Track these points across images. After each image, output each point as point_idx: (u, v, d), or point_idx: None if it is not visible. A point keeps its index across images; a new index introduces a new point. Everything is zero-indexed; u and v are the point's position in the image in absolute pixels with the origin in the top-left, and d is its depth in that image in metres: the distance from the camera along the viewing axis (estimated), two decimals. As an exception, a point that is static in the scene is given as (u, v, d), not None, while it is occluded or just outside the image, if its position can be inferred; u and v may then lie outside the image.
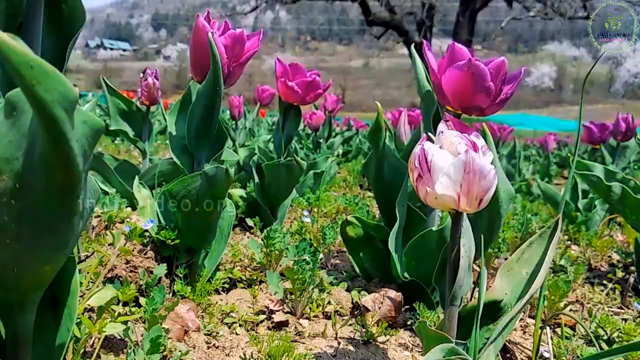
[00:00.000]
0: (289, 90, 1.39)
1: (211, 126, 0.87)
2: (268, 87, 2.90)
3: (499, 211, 0.77)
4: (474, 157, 0.50)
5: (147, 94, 1.47)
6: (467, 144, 0.53)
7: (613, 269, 1.29)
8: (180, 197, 0.82)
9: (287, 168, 1.40)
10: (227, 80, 0.84)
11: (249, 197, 1.59)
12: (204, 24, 0.79)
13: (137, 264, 0.87)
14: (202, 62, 0.82)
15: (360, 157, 3.49)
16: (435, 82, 0.88)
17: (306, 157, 2.45)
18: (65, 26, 0.48)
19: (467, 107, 0.86)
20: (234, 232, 1.57)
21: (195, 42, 0.81)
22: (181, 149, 0.90)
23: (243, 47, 0.83)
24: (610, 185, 1.09)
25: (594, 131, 2.23)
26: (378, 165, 1.02)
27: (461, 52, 0.83)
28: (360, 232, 1.02)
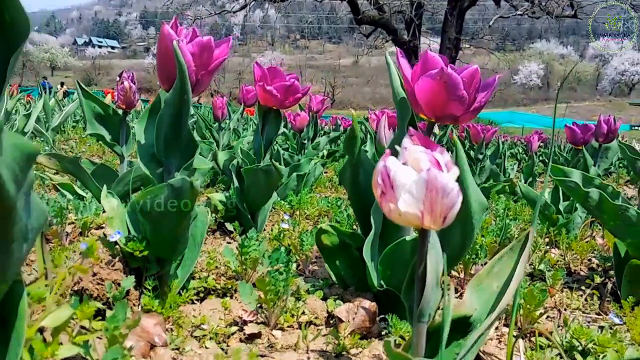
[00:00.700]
0: (267, 95, 1.38)
1: (180, 135, 0.85)
2: (252, 87, 2.88)
3: (472, 222, 0.76)
4: (436, 175, 0.49)
5: (124, 97, 1.45)
6: (431, 160, 0.51)
7: (592, 273, 1.29)
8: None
9: (266, 173, 1.38)
10: (195, 89, 0.82)
11: (229, 202, 1.57)
12: (170, 31, 0.77)
13: (104, 276, 0.84)
14: (168, 70, 0.80)
15: (342, 160, 3.49)
16: (408, 90, 0.87)
17: (290, 158, 2.43)
18: (7, 37, 0.46)
19: (441, 116, 0.85)
20: (213, 236, 1.55)
21: (162, 49, 0.79)
22: (150, 157, 0.88)
23: (211, 55, 0.81)
24: (587, 191, 1.08)
25: (576, 132, 2.23)
26: (353, 172, 1.01)
27: (434, 61, 0.81)
28: (335, 240, 1.01)
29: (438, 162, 0.51)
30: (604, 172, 2.12)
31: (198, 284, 1.04)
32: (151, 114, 0.89)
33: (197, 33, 0.83)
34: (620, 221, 1.09)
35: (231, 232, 1.50)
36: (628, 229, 1.10)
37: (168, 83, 0.81)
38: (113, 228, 0.90)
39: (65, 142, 4.01)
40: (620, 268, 1.18)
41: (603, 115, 2.06)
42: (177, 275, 0.96)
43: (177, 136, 0.85)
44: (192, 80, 0.80)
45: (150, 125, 0.88)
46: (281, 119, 1.55)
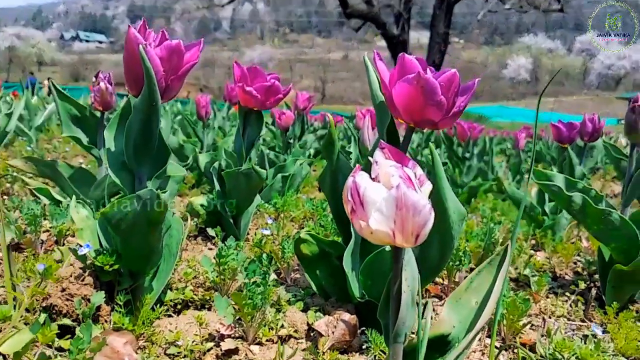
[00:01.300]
0: (247, 96, 1.35)
1: (150, 143, 0.82)
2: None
3: (451, 233, 0.73)
4: (405, 193, 0.46)
5: (100, 99, 1.41)
6: (401, 176, 0.49)
7: (577, 278, 1.28)
8: (117, 221, 0.77)
9: (247, 177, 1.35)
10: (165, 94, 0.79)
11: (210, 205, 1.53)
12: (136, 34, 0.74)
13: (73, 291, 0.81)
14: (136, 75, 0.76)
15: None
16: (386, 94, 0.84)
17: (276, 158, 2.40)
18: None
19: (419, 121, 0.83)
20: (195, 241, 1.52)
21: (128, 53, 0.76)
22: (120, 165, 0.84)
23: (182, 59, 0.78)
24: (570, 195, 1.06)
25: (562, 130, 2.22)
26: (333, 179, 0.98)
27: (411, 65, 0.79)
28: (315, 249, 0.98)
29: (409, 178, 0.49)
30: (590, 171, 2.11)
31: (175, 295, 1.01)
32: (121, 120, 0.86)
33: (166, 36, 0.79)
34: (604, 225, 1.07)
35: (213, 238, 1.46)
36: (611, 233, 1.08)
37: (136, 88, 0.78)
38: (83, 240, 0.87)
39: (49, 142, 3.95)
40: (604, 272, 1.17)
41: (590, 109, 2.05)
42: (152, 288, 0.93)
43: (147, 144, 0.82)
44: (161, 86, 0.77)
45: (120, 132, 0.85)
46: (263, 120, 1.52)
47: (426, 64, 0.83)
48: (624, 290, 1.13)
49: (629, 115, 1.06)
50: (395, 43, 27.56)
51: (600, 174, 4.86)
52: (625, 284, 1.11)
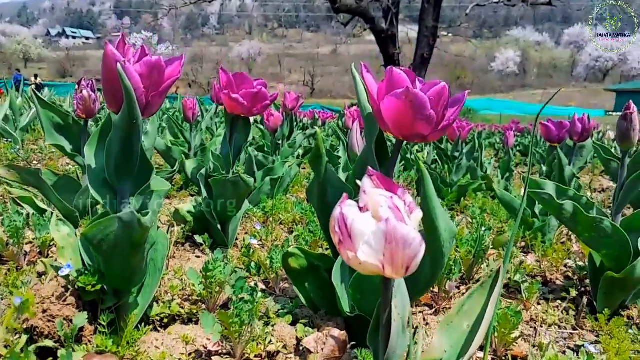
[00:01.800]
0: (234, 103, 1.33)
1: (132, 160, 0.79)
2: (225, 85, 2.81)
3: (442, 251, 0.72)
4: (395, 227, 0.44)
5: (83, 106, 1.38)
6: (391, 206, 0.47)
7: (569, 282, 1.27)
8: (98, 242, 0.74)
9: (234, 184, 1.33)
10: (146, 111, 0.77)
11: (198, 212, 1.51)
12: (114, 51, 0.71)
13: (55, 312, 0.79)
14: (115, 92, 0.74)
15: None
16: (374, 108, 0.83)
17: (264, 159, 2.38)
18: None
19: (408, 135, 0.81)
20: (183, 248, 1.50)
21: (106, 71, 0.73)
22: (102, 182, 0.82)
23: (162, 75, 0.76)
24: (562, 203, 1.05)
25: (551, 129, 2.22)
26: (321, 191, 0.96)
27: (399, 79, 0.77)
28: (303, 263, 0.96)
29: (398, 210, 0.47)
30: (580, 170, 2.11)
31: (161, 309, 0.99)
32: (101, 136, 0.84)
33: (146, 51, 0.77)
34: (595, 233, 1.07)
35: (201, 245, 1.44)
36: (603, 241, 1.08)
37: (116, 106, 0.76)
38: (64, 259, 0.84)
39: (35, 142, 3.89)
40: (595, 278, 1.16)
41: (579, 101, 2.04)
42: (137, 304, 0.91)
43: (129, 161, 0.79)
44: (141, 103, 0.75)
45: (101, 148, 0.83)
46: (250, 126, 1.50)
47: (415, 76, 0.82)
48: (615, 296, 1.12)
49: (621, 123, 1.05)
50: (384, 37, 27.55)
51: (589, 169, 4.88)
52: (616, 290, 1.11)
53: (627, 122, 1.04)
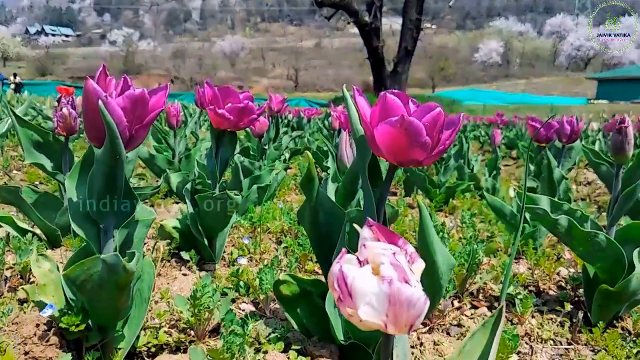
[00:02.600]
0: (220, 118, 1.29)
1: (115, 194, 0.76)
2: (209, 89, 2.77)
3: (440, 284, 0.70)
4: (399, 289, 0.42)
5: (63, 124, 1.34)
6: (393, 263, 0.45)
7: (562, 293, 1.26)
8: (81, 282, 0.71)
9: (221, 202, 1.30)
10: (129, 144, 0.74)
11: (183, 227, 1.48)
12: (94, 87, 0.68)
13: (37, 354, 0.76)
14: (97, 127, 0.70)
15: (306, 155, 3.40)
16: (368, 133, 0.80)
17: (251, 164, 2.34)
18: None
19: (403, 161, 0.79)
20: (169, 264, 1.46)
21: (87, 106, 0.70)
22: (84, 216, 0.78)
23: (146, 107, 0.72)
24: (556, 218, 1.04)
25: (540, 130, 2.21)
26: (312, 214, 0.94)
27: (393, 105, 0.74)
28: (295, 289, 0.94)
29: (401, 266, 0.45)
30: (568, 172, 2.10)
31: (148, 338, 0.96)
32: (83, 168, 0.80)
33: (128, 82, 0.73)
34: (590, 247, 1.05)
35: (187, 261, 1.41)
36: (597, 254, 1.07)
37: (97, 140, 0.72)
38: (46, 296, 0.81)
39: (15, 149, 3.81)
40: (589, 289, 1.15)
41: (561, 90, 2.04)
42: (123, 336, 0.87)
43: (113, 196, 0.76)
44: (124, 137, 0.71)
45: (82, 182, 0.79)
46: (236, 140, 1.46)
47: (408, 98, 0.79)
48: (610, 308, 1.11)
49: (615, 136, 1.03)
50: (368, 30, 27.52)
51: (574, 161, 4.92)
52: (611, 302, 1.10)
53: (622, 136, 1.02)
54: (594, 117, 17.33)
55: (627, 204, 1.07)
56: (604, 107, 24.56)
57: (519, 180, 4.06)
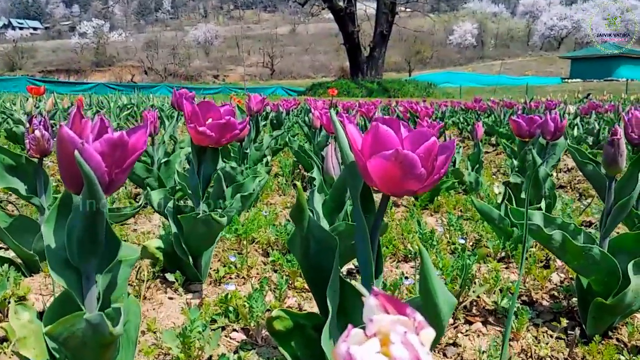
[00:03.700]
0: (201, 136, 1.24)
1: (97, 242, 0.72)
2: (186, 90, 2.71)
3: (442, 324, 0.68)
4: (412, 378, 0.39)
5: (36, 147, 1.28)
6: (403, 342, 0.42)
7: (556, 304, 1.25)
8: (64, 339, 0.67)
9: (206, 223, 1.26)
10: (109, 189, 0.69)
11: (167, 246, 1.43)
12: (69, 135, 0.63)
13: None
14: (73, 175, 0.66)
15: (287, 149, 3.34)
16: (359, 162, 0.77)
17: (232, 170, 2.29)
18: None
19: (397, 193, 0.76)
20: (155, 285, 1.42)
21: (62, 154, 0.65)
22: (64, 262, 0.74)
23: (126, 150, 0.68)
24: (551, 234, 1.02)
25: (522, 125, 2.20)
26: (304, 244, 0.90)
27: (386, 137, 0.71)
28: (289, 323, 0.91)
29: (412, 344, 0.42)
30: (552, 169, 2.10)
31: (138, 378, 0.92)
32: (60, 212, 0.76)
33: (105, 123, 0.69)
34: (584, 260, 1.04)
35: (173, 283, 1.37)
36: (592, 267, 1.05)
37: (75, 188, 0.68)
38: (27, 350, 0.76)
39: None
40: (583, 299, 1.15)
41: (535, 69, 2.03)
42: (112, 381, 0.84)
43: (94, 243, 0.72)
44: (104, 183, 0.67)
45: (60, 227, 0.75)
46: (219, 155, 1.42)
47: (399, 123, 0.76)
48: (604, 320, 1.11)
49: (607, 148, 1.02)
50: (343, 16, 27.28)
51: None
52: (606, 314, 1.09)
53: (614, 148, 1.01)
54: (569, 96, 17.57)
55: (621, 216, 1.06)
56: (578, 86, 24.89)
57: (499, 167, 4.08)
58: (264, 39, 61.06)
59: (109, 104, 7.09)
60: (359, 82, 26.22)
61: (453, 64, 52.75)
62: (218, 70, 55.47)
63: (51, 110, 4.46)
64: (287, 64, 57.04)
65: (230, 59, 58.67)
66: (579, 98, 15.88)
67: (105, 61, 55.66)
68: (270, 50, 57.02)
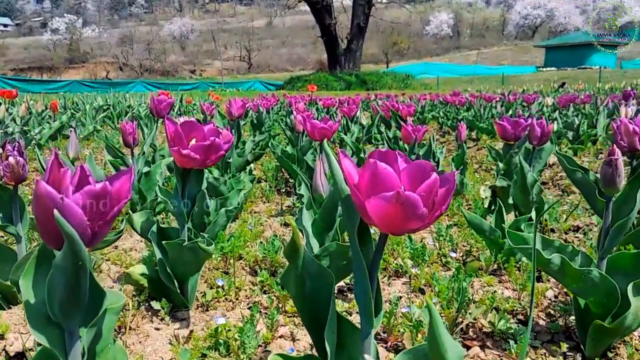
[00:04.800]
0: (185, 159, 1.20)
1: (79, 298, 0.67)
2: (164, 96, 2.64)
3: (451, 378, 0.64)
4: None
5: (11, 174, 1.22)
6: None
7: (553, 324, 1.23)
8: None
9: (192, 251, 1.21)
10: (92, 241, 0.64)
11: (152, 272, 1.38)
12: (47, 190, 0.58)
13: None
14: (52, 232, 0.61)
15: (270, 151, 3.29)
16: (356, 199, 0.73)
17: (215, 180, 2.24)
18: None
19: (398, 232, 0.72)
20: (140, 313, 1.36)
21: (40, 210, 0.60)
22: (44, 318, 0.69)
23: (110, 200, 0.63)
24: (549, 258, 1.00)
25: (507, 128, 2.19)
26: (299, 282, 0.86)
27: (385, 176, 0.67)
28: (286, 366, 0.87)
29: None
30: (539, 173, 2.09)
31: None
32: (38, 267, 0.70)
33: (86, 172, 0.64)
34: (583, 283, 1.02)
35: (158, 311, 1.32)
36: (590, 290, 1.04)
37: (55, 244, 0.63)
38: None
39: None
40: (581, 320, 1.13)
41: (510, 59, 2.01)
42: None
43: (77, 299, 0.67)
44: (86, 237, 0.62)
45: (39, 281, 0.70)
46: (203, 175, 1.37)
47: (395, 155, 0.73)
48: (604, 341, 1.09)
49: (605, 169, 1.00)
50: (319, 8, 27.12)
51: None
52: (605, 336, 1.07)
53: (612, 169, 0.99)
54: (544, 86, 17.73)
55: (619, 237, 1.04)
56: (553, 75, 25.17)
57: (480, 163, 4.08)
58: (240, 32, 60.54)
59: (84, 105, 6.93)
60: (337, 75, 26.17)
61: (430, 55, 52.96)
62: (195, 65, 54.88)
63: (25, 116, 4.33)
64: (265, 58, 56.69)
65: (206, 53, 58.09)
66: (554, 88, 16.07)
67: (78, 58, 54.63)
68: (247, 44, 56.59)
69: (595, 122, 4.51)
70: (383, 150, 0.74)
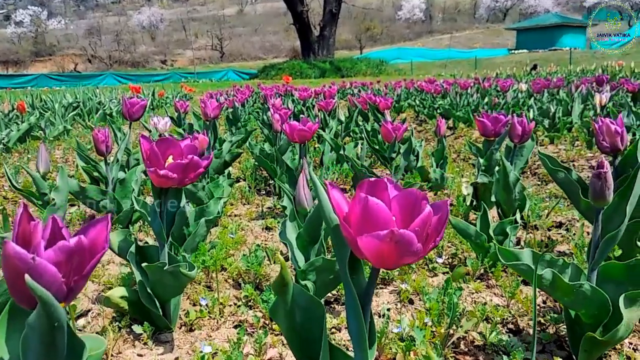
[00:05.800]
0: (162, 179, 1.15)
1: (56, 356, 0.62)
2: (137, 99, 2.56)
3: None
4: None
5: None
6: None
7: (545, 334, 1.21)
8: None
9: (173, 275, 1.16)
10: (68, 298, 0.60)
11: (132, 295, 1.33)
12: (15, 250, 0.53)
13: None
14: (23, 292, 0.56)
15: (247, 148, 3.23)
16: (347, 235, 0.70)
17: (193, 186, 2.18)
18: None
19: (390, 267, 0.70)
20: (120, 335, 1.31)
21: (9, 271, 0.55)
22: (21, 376, 0.65)
23: (85, 254, 0.59)
24: (541, 274, 0.98)
25: (487, 125, 2.18)
26: (289, 316, 0.83)
27: (377, 212, 0.64)
28: (277, 402, 0.84)
29: None
30: (520, 171, 2.09)
31: None
32: (12, 319, 0.66)
33: (59, 224, 0.59)
34: (575, 297, 1.01)
35: (140, 335, 1.27)
36: (582, 302, 1.03)
37: (26, 303, 0.58)
38: None
39: None
40: (573, 330, 1.12)
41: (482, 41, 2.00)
42: None
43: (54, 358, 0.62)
44: (62, 294, 0.58)
45: (13, 336, 0.65)
46: (182, 193, 1.33)
47: (385, 184, 0.70)
48: (595, 353, 1.09)
49: (594, 181, 0.98)
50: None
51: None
52: (597, 348, 1.07)
53: (602, 181, 0.97)
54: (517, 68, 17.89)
55: (609, 248, 1.03)
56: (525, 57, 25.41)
57: (458, 152, 4.09)
58: (211, 21, 59.71)
59: (53, 104, 6.74)
60: (311, 63, 26.03)
61: (403, 40, 52.97)
62: (166, 55, 53.99)
63: None
64: (237, 46, 56.07)
65: (177, 42, 57.16)
66: (527, 71, 16.23)
67: (45, 50, 53.23)
68: (219, 33, 55.89)
69: (570, 109, 4.54)
70: (372, 180, 0.71)
